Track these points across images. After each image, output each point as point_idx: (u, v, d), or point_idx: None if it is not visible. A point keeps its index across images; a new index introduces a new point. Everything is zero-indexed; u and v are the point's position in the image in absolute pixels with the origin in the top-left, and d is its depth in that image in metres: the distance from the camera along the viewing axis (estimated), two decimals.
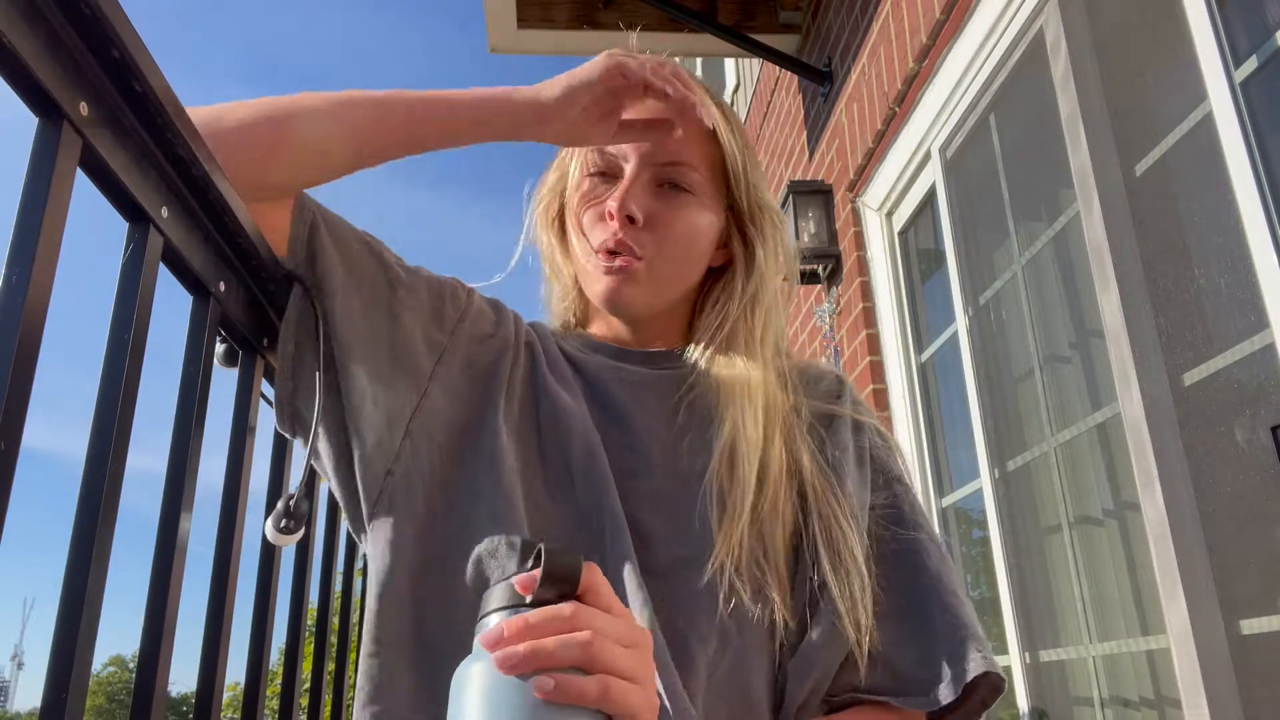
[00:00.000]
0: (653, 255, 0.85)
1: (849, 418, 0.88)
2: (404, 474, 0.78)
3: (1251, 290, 1.45)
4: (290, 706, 1.34)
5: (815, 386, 0.91)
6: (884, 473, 0.87)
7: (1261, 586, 1.48)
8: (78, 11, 0.71)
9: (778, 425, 0.83)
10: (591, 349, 0.91)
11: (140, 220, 0.87)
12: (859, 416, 0.89)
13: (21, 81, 0.68)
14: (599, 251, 0.85)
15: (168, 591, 0.91)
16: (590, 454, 0.79)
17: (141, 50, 0.77)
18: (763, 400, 0.83)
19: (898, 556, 0.82)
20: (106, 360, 0.84)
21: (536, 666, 0.49)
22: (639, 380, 0.87)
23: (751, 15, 3.32)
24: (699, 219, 0.87)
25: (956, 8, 2.16)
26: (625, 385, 0.86)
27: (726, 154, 0.88)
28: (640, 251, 0.84)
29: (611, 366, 0.88)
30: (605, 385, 0.86)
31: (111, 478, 0.80)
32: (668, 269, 0.86)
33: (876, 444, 0.88)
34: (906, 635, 0.79)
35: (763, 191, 0.91)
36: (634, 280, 0.85)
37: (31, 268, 0.68)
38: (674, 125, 0.86)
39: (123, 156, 0.81)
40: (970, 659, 0.76)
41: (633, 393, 0.86)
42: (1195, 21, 1.55)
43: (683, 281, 0.89)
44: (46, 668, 0.74)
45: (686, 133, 0.86)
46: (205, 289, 1.02)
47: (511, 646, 0.49)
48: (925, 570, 0.81)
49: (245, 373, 1.18)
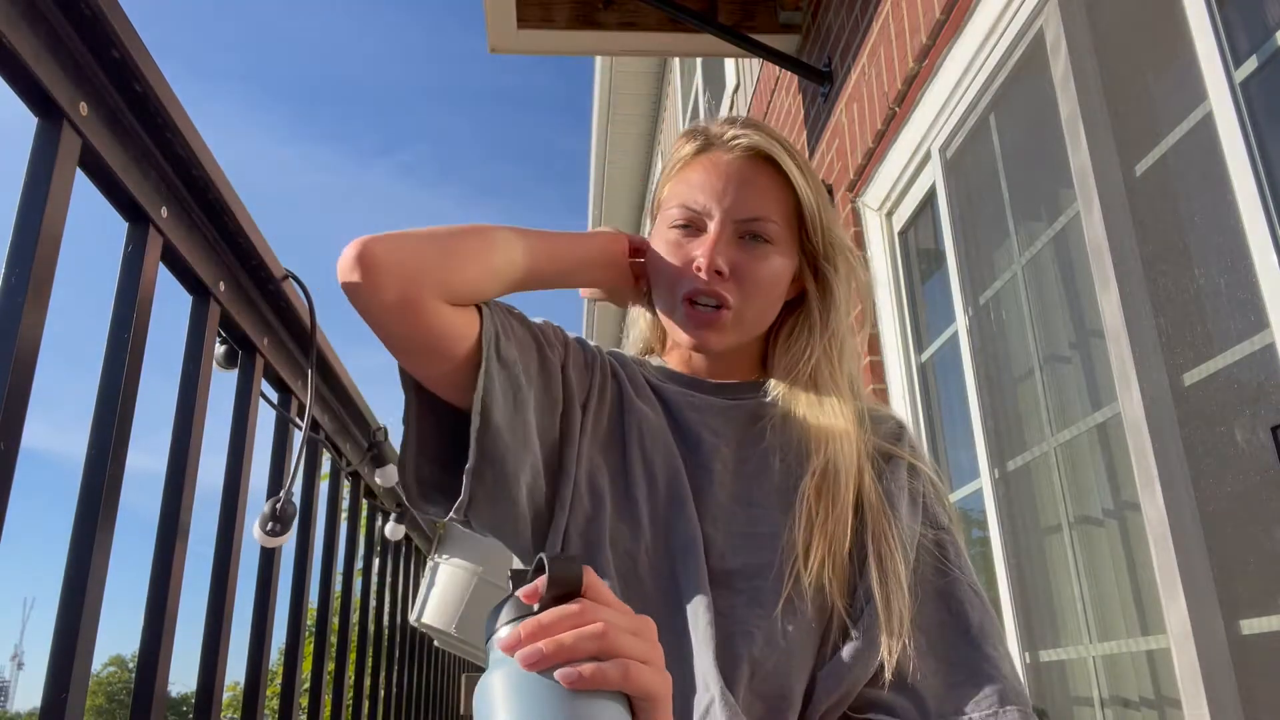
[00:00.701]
0: (739, 304, 0.93)
1: (906, 461, 0.95)
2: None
3: (1251, 290, 1.45)
4: (290, 706, 1.34)
5: (879, 426, 0.98)
6: (932, 519, 0.92)
7: (1261, 586, 1.48)
8: (78, 11, 0.71)
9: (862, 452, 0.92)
10: (669, 378, 1.00)
11: (140, 220, 0.87)
12: (916, 462, 0.96)
13: (21, 81, 0.68)
14: (685, 299, 0.93)
15: (168, 592, 0.91)
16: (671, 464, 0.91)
17: (141, 50, 0.77)
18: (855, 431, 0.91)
19: (941, 599, 0.87)
20: (106, 360, 0.84)
21: (558, 660, 0.52)
22: (709, 407, 0.96)
23: (751, 15, 3.31)
24: (778, 266, 0.95)
25: (956, 8, 2.16)
26: (697, 409, 0.96)
27: (804, 203, 0.95)
28: (729, 301, 0.92)
29: (685, 394, 0.97)
30: (680, 409, 0.96)
31: (111, 478, 0.80)
32: (751, 314, 0.95)
33: (929, 491, 0.95)
34: (941, 674, 0.82)
35: (837, 231, 0.98)
36: (721, 328, 0.93)
37: (31, 268, 0.68)
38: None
39: (123, 156, 0.81)
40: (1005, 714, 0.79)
41: (702, 416, 0.95)
42: (1195, 21, 1.55)
43: (763, 324, 0.98)
44: (46, 668, 0.74)
45: (767, 186, 0.94)
46: (205, 289, 1.02)
47: (533, 644, 0.53)
48: (966, 616, 0.86)
49: (245, 373, 1.18)
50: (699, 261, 0.91)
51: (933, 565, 0.89)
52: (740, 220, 0.93)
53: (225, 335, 1.13)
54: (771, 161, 0.95)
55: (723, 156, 0.95)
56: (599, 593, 0.57)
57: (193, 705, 1.06)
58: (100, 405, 0.83)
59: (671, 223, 0.96)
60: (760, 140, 0.95)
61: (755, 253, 0.93)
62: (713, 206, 0.93)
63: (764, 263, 0.93)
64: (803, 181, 0.95)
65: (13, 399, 0.67)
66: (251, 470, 1.16)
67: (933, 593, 0.87)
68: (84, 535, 0.79)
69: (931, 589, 0.87)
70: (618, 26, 3.20)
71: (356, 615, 1.89)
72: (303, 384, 1.31)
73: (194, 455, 0.99)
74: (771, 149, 0.95)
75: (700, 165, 0.96)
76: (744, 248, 0.93)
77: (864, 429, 0.94)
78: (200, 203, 0.99)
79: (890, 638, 0.81)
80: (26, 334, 0.70)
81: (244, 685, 1.20)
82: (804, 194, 0.95)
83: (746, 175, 0.94)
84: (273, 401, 1.30)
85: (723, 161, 0.95)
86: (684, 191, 0.96)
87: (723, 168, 0.95)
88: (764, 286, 0.94)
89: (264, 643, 1.20)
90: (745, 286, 0.92)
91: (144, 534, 1.09)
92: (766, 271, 0.93)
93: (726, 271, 0.91)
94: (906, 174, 2.65)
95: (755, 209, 0.93)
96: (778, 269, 0.95)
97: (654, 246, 0.98)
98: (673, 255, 0.94)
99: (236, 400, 1.17)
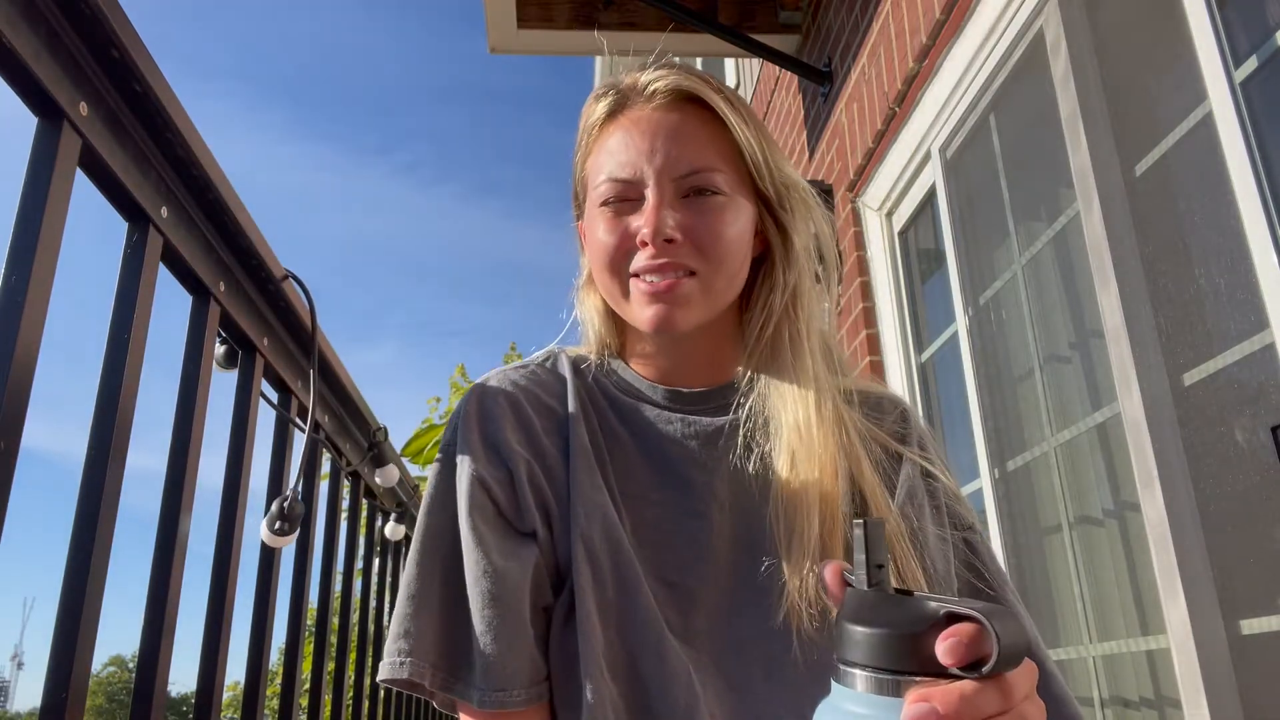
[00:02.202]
0: (704, 268, 0.80)
1: (919, 464, 0.84)
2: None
3: (1251, 290, 1.45)
4: (290, 706, 1.34)
5: (881, 418, 0.86)
6: (956, 520, 0.83)
7: (1261, 586, 1.48)
8: (78, 11, 0.71)
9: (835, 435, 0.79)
10: (638, 396, 0.86)
11: (140, 220, 0.87)
12: (928, 465, 0.84)
13: (21, 81, 0.68)
14: (639, 275, 0.80)
15: (168, 591, 0.91)
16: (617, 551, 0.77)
17: (141, 50, 0.77)
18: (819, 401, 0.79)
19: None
20: (106, 360, 0.84)
21: None
22: (695, 434, 0.82)
23: (751, 15, 3.31)
24: (734, 215, 0.81)
25: (956, 8, 2.16)
26: (680, 443, 0.82)
27: (741, 144, 0.82)
28: (691, 266, 0.79)
29: (665, 419, 0.83)
30: (661, 445, 0.82)
31: (111, 478, 0.80)
32: (719, 279, 0.81)
33: (948, 491, 0.84)
34: None
35: (786, 170, 0.85)
36: (686, 301, 0.79)
37: (31, 268, 0.68)
38: None
39: (123, 156, 0.81)
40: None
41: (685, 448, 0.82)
42: (1195, 21, 1.55)
43: (733, 286, 0.83)
44: (46, 668, 0.74)
45: (699, 132, 0.81)
46: (205, 289, 1.02)
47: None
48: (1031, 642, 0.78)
49: (245, 373, 1.18)
50: (643, 233, 0.78)
51: (967, 570, 0.80)
52: (680, 177, 0.79)
53: (225, 335, 1.13)
54: (698, 101, 0.81)
55: (642, 111, 0.82)
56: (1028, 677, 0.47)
57: (193, 705, 1.06)
58: (100, 405, 0.83)
59: (601, 200, 0.82)
60: (682, 81, 0.82)
61: (706, 207, 0.80)
62: (644, 169, 0.79)
63: (719, 215, 0.80)
64: (738, 120, 0.81)
65: (13, 399, 0.67)
66: (251, 470, 1.16)
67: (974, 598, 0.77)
68: (84, 535, 0.79)
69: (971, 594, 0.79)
70: (618, 26, 3.20)
71: (356, 615, 1.89)
72: (303, 384, 1.31)
73: (194, 455, 0.99)
74: (696, 88, 0.81)
75: (619, 126, 0.83)
76: (692, 206, 0.80)
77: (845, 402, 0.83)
78: (200, 203, 0.99)
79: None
80: (26, 334, 0.70)
81: (244, 685, 1.20)
82: (740, 134, 0.81)
83: (675, 124, 0.81)
84: (273, 402, 1.30)
85: (644, 116, 0.82)
86: (607, 162, 0.82)
87: (645, 123, 0.81)
88: (727, 243, 0.80)
89: (264, 643, 1.20)
90: (705, 248, 0.79)
91: (144, 534, 1.09)
92: (725, 225, 0.80)
93: (679, 236, 0.78)
94: (906, 174, 2.65)
95: (695, 160, 0.80)
96: (733, 217, 0.81)
97: (589, 234, 0.84)
98: (611, 235, 0.81)
99: (236, 400, 1.17)
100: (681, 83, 0.82)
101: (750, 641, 0.76)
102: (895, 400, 0.90)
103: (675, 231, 0.79)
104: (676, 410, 0.84)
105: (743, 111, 0.83)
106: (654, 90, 0.82)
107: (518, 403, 0.82)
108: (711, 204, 0.80)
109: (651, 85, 0.82)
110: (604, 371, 0.88)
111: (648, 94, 0.82)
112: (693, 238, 0.79)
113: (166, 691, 0.91)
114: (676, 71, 0.83)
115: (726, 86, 0.84)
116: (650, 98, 0.82)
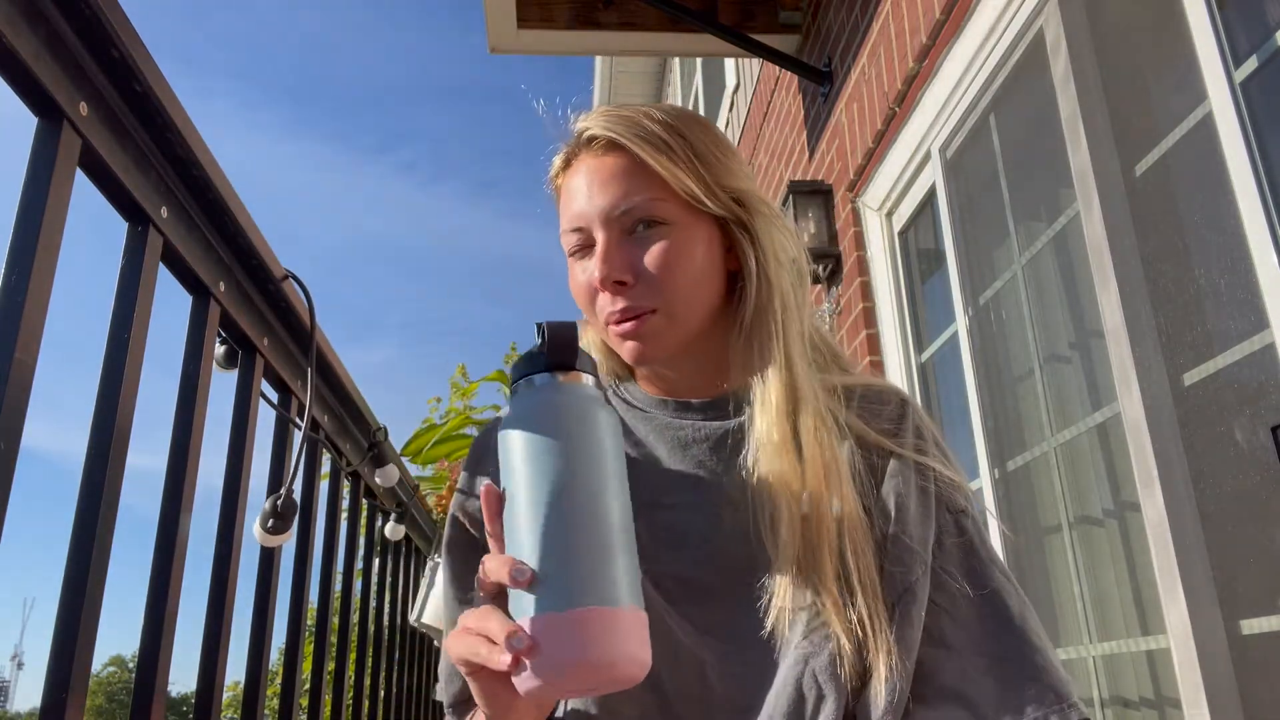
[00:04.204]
0: (661, 302, 0.82)
1: (911, 460, 0.84)
2: None
3: (1251, 290, 1.45)
4: (290, 706, 1.34)
5: (877, 414, 0.87)
6: (948, 503, 0.84)
7: (1261, 586, 1.48)
8: (78, 11, 0.71)
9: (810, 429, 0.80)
10: (651, 409, 0.90)
11: (140, 220, 0.87)
12: (921, 457, 0.85)
13: (21, 81, 0.68)
14: (608, 324, 0.84)
15: (168, 591, 0.91)
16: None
17: (141, 50, 0.77)
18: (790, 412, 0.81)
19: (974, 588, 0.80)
20: (106, 360, 0.84)
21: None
22: (705, 438, 0.86)
23: (751, 15, 3.31)
24: (684, 241, 0.83)
25: (956, 8, 2.16)
26: (690, 448, 0.86)
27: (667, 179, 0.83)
28: (648, 304, 0.82)
29: (675, 427, 0.87)
30: (673, 452, 0.86)
31: (111, 478, 0.80)
32: (680, 306, 0.83)
33: (940, 477, 0.85)
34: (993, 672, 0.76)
35: (736, 180, 0.86)
36: (653, 334, 0.83)
37: (31, 268, 0.68)
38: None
39: (123, 156, 0.81)
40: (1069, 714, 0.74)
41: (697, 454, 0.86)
42: (1195, 21, 1.55)
43: (701, 307, 0.85)
44: (46, 668, 0.74)
45: (636, 169, 0.83)
46: (205, 289, 1.02)
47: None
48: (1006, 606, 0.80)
49: (245, 373, 1.18)
50: (595, 282, 0.82)
51: (959, 552, 0.81)
52: (619, 215, 0.82)
53: (225, 335, 1.13)
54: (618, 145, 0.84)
55: (585, 159, 0.86)
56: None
57: (193, 705, 1.06)
58: (100, 405, 0.83)
59: (569, 251, 0.86)
60: (597, 126, 0.85)
61: (649, 238, 0.82)
62: (591, 216, 0.83)
63: (662, 244, 0.82)
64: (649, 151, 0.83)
65: (13, 399, 0.67)
66: (251, 470, 1.16)
67: (965, 582, 0.79)
68: (84, 535, 0.79)
69: (962, 577, 0.80)
70: (618, 26, 3.20)
71: (356, 615, 1.89)
72: (303, 384, 1.31)
73: (194, 455, 0.99)
74: (609, 129, 0.84)
75: (571, 175, 0.87)
76: (636, 241, 0.83)
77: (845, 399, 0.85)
78: (200, 203, 0.99)
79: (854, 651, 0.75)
80: (26, 334, 0.70)
81: (244, 685, 1.20)
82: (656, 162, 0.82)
83: (605, 167, 0.84)
84: (273, 401, 1.30)
85: (586, 164, 0.86)
86: (564, 213, 0.87)
87: (587, 171, 0.85)
88: (677, 270, 0.82)
89: (264, 643, 1.20)
90: (656, 280, 0.81)
91: (144, 534, 1.09)
92: (670, 252, 0.82)
93: (629, 278, 0.82)
94: (906, 174, 2.65)
95: (630, 195, 0.82)
96: (683, 243, 0.83)
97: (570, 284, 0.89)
98: (578, 284, 0.85)
99: (236, 400, 1.17)
100: (597, 128, 0.85)
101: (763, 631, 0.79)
102: (895, 392, 0.91)
103: (624, 274, 0.82)
104: (686, 419, 0.88)
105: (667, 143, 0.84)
106: (590, 137, 0.86)
107: None
108: (657, 234, 0.83)
109: (588, 132, 0.86)
110: (616, 392, 0.93)
111: (586, 140, 0.86)
112: (643, 275, 0.82)
113: (166, 691, 0.91)
114: (605, 115, 0.86)
115: (659, 113, 0.86)
116: (589, 144, 0.86)
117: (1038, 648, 0.78)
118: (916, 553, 0.79)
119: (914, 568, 0.78)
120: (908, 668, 0.75)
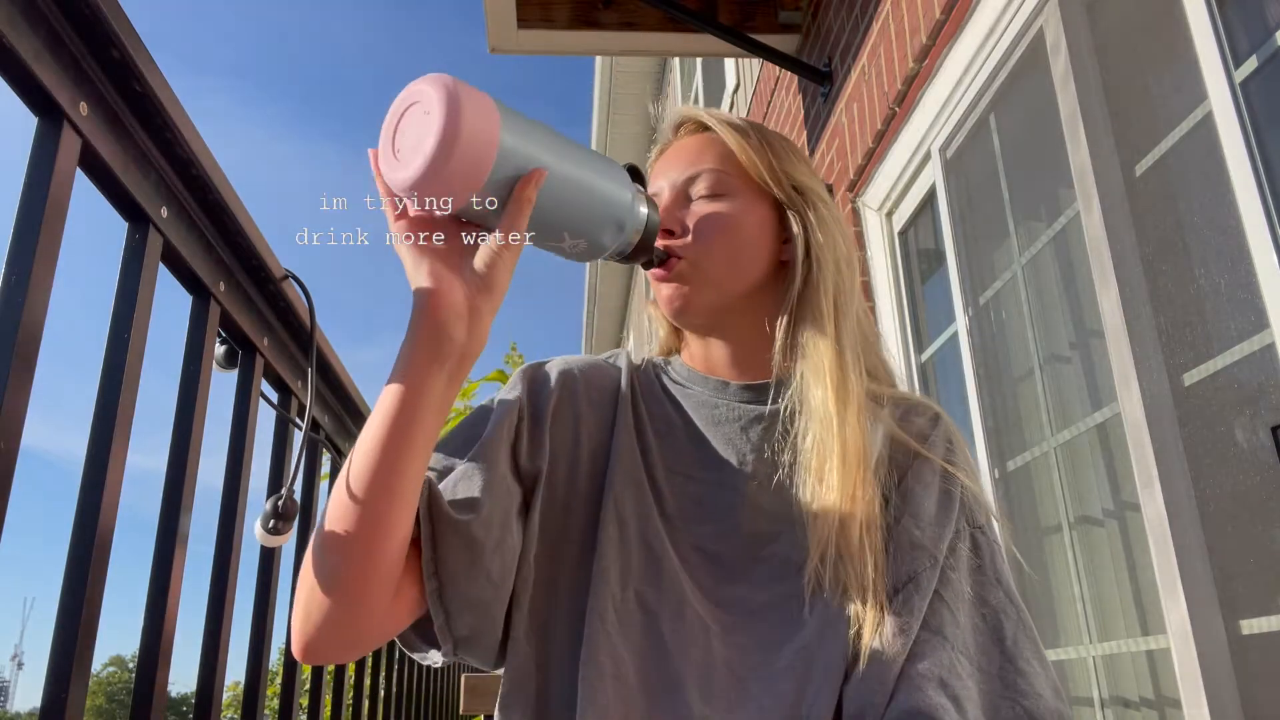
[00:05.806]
0: (693, 252, 0.89)
1: (938, 465, 0.87)
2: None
3: (1251, 290, 1.45)
4: (290, 706, 1.34)
5: (911, 422, 0.91)
6: (969, 517, 0.86)
7: (1261, 586, 1.48)
8: (78, 11, 0.71)
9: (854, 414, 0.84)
10: (692, 384, 0.94)
11: (140, 220, 0.87)
12: (949, 466, 0.87)
13: (21, 81, 0.68)
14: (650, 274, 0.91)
15: (168, 592, 0.91)
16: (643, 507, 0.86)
17: (141, 50, 0.77)
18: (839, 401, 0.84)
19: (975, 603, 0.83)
20: (106, 360, 0.84)
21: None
22: (739, 418, 0.90)
23: (751, 15, 3.31)
24: (737, 211, 0.91)
25: (956, 8, 2.16)
26: (724, 426, 0.90)
27: (736, 149, 0.92)
28: (681, 253, 0.89)
29: (712, 404, 0.92)
30: (707, 428, 0.90)
31: (111, 478, 0.80)
32: (714, 265, 0.89)
33: (967, 489, 0.87)
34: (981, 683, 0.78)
35: (800, 175, 0.94)
36: (683, 280, 0.89)
37: (31, 268, 0.68)
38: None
39: (123, 156, 0.81)
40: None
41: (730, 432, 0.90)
42: (1195, 21, 1.55)
43: (739, 276, 0.91)
44: (46, 668, 0.74)
45: (705, 147, 0.94)
46: (205, 289, 1.02)
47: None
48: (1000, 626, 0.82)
49: (245, 373, 1.18)
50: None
51: (968, 565, 0.84)
52: (682, 182, 0.93)
53: (225, 335, 1.13)
54: (698, 123, 0.97)
55: (672, 144, 0.98)
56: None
57: (193, 705, 1.06)
58: (100, 405, 0.83)
59: None
60: (684, 110, 0.98)
61: (704, 204, 0.91)
62: (663, 184, 0.94)
63: (715, 208, 0.91)
64: (729, 130, 0.93)
65: (13, 399, 0.67)
66: (251, 470, 1.16)
67: (968, 595, 0.82)
68: (84, 535, 0.78)
69: (968, 589, 0.83)
70: (618, 26, 3.20)
71: None
72: (303, 384, 1.31)
73: (194, 455, 0.99)
74: (694, 112, 0.97)
75: (659, 160, 0.99)
76: (695, 203, 0.92)
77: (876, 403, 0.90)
78: (200, 203, 0.99)
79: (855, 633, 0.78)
80: (26, 334, 0.70)
81: (244, 685, 1.20)
82: (732, 139, 0.93)
83: (686, 145, 0.96)
84: (273, 401, 1.30)
85: (672, 146, 0.98)
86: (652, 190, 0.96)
87: (670, 150, 0.98)
88: (721, 233, 0.90)
89: (264, 643, 1.20)
90: (697, 234, 0.90)
91: (144, 534, 1.09)
92: (719, 218, 0.90)
93: (676, 228, 0.90)
94: (906, 174, 2.65)
95: (691, 166, 0.93)
96: (735, 212, 0.91)
97: None
98: None
99: (236, 400, 1.17)
100: (684, 112, 0.98)
101: (774, 607, 0.82)
102: (931, 405, 0.95)
103: (672, 224, 0.91)
104: (723, 398, 0.92)
105: (745, 128, 0.94)
106: (677, 124, 0.99)
107: (569, 374, 0.92)
108: (715, 203, 0.91)
109: (676, 120, 0.99)
110: (663, 366, 0.98)
111: (674, 127, 0.99)
112: (687, 230, 0.90)
113: (166, 691, 0.91)
114: (694, 108, 0.98)
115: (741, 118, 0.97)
116: (676, 131, 0.99)
117: (1023, 671, 0.80)
118: (925, 547, 0.82)
119: (921, 560, 0.81)
120: (899, 653, 0.77)
